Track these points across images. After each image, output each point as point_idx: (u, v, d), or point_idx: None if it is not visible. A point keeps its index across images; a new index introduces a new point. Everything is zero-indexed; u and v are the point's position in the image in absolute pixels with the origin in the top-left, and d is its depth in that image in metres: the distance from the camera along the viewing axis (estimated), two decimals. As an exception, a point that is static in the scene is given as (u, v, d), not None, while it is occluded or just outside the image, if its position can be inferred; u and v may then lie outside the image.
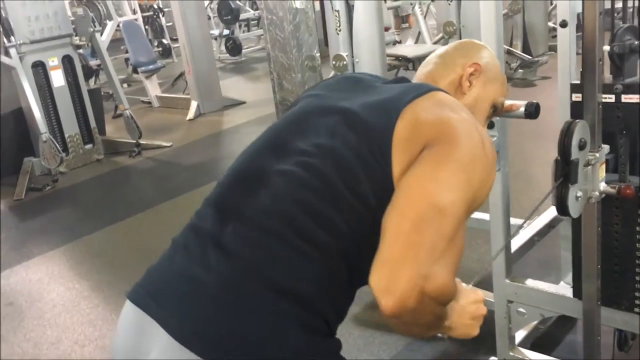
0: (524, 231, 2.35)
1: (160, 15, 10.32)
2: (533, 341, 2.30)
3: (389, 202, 0.99)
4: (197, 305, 0.97)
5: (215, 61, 7.74)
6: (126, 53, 8.41)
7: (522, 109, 1.56)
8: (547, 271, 2.74)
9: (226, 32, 10.13)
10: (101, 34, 5.83)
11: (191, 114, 6.74)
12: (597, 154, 1.44)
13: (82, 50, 5.87)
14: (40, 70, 5.23)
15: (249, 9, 10.85)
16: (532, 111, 1.55)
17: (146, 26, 9.95)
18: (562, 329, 2.39)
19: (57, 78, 5.32)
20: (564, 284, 2.35)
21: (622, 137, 1.67)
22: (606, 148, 1.50)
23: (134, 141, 5.67)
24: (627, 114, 1.67)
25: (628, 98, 1.66)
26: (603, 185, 1.48)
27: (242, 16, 10.21)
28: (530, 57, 6.17)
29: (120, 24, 7.37)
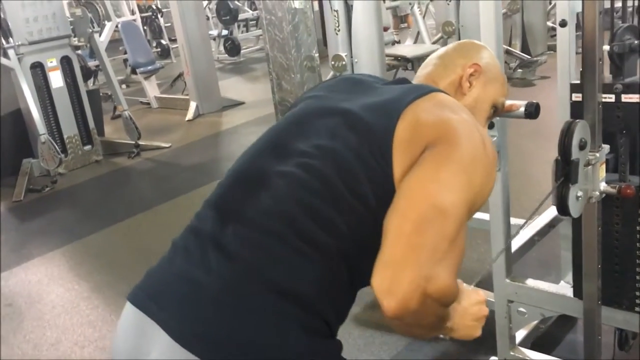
0: (524, 231, 2.35)
1: (158, 16, 10.31)
2: (533, 341, 2.30)
3: (389, 204, 0.98)
4: (197, 306, 0.97)
5: (214, 62, 7.74)
6: (125, 54, 8.40)
7: (522, 109, 1.56)
8: (547, 270, 2.74)
9: (225, 32, 10.14)
10: (100, 35, 5.83)
11: (190, 114, 6.74)
12: (598, 154, 1.44)
13: (80, 51, 5.87)
14: (38, 71, 5.22)
15: (247, 9, 10.86)
16: (532, 111, 1.55)
17: (145, 27, 9.94)
18: (563, 328, 2.39)
19: (56, 79, 5.32)
20: (564, 283, 2.35)
21: (622, 136, 1.67)
22: (606, 148, 1.50)
23: (133, 142, 5.68)
24: (627, 114, 1.66)
25: (628, 98, 1.66)
26: (603, 185, 1.48)
27: (240, 16, 10.22)
28: (529, 57, 6.17)
29: (119, 25, 7.37)
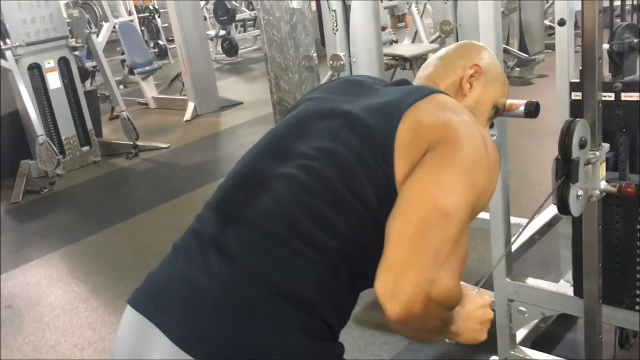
0: (522, 228, 2.34)
1: (156, 16, 10.30)
2: (534, 340, 2.30)
3: (390, 206, 0.98)
4: (198, 309, 0.97)
5: (211, 62, 7.73)
6: (122, 54, 8.38)
7: (522, 108, 1.56)
8: (546, 269, 2.74)
9: (222, 32, 10.13)
10: (97, 36, 5.82)
11: (188, 115, 6.73)
12: (598, 153, 1.44)
13: (77, 52, 5.86)
14: (36, 72, 5.21)
15: (244, 9, 10.84)
16: (532, 110, 1.55)
17: (142, 27, 9.92)
18: (563, 327, 2.39)
19: (54, 80, 5.31)
20: (564, 282, 2.35)
21: (622, 135, 1.67)
22: (606, 147, 1.50)
23: (131, 143, 5.67)
24: (626, 112, 1.66)
25: (628, 96, 1.65)
26: (604, 183, 1.48)
27: (238, 16, 10.21)
28: (527, 56, 6.17)
29: (116, 26, 7.36)
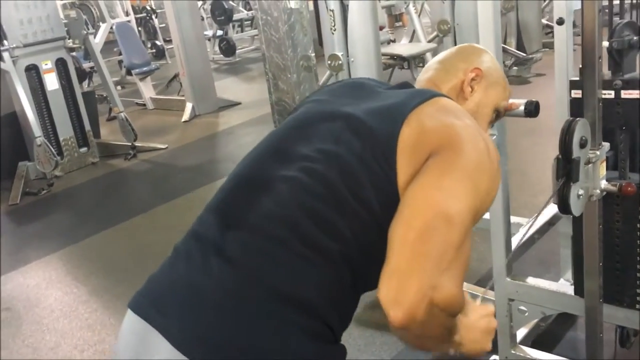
0: (524, 229, 2.35)
1: (153, 17, 10.30)
2: (534, 339, 2.30)
3: (393, 210, 0.97)
4: (198, 312, 0.96)
5: (209, 62, 7.72)
6: (119, 55, 8.37)
7: (522, 107, 1.56)
8: (546, 268, 2.74)
9: (220, 32, 10.13)
10: (94, 37, 5.81)
11: (186, 115, 6.73)
12: (598, 152, 1.44)
13: (75, 53, 5.85)
14: (33, 73, 5.20)
15: (242, 9, 10.84)
16: (532, 109, 1.55)
17: (139, 28, 9.91)
18: (563, 326, 2.39)
19: (51, 81, 5.30)
20: (564, 281, 2.35)
21: (622, 132, 1.66)
22: (606, 146, 1.50)
23: (129, 144, 5.66)
24: (626, 110, 1.66)
25: (628, 94, 1.65)
26: (604, 183, 1.47)
27: (235, 16, 10.21)
28: (524, 55, 6.17)
29: (114, 26, 7.35)
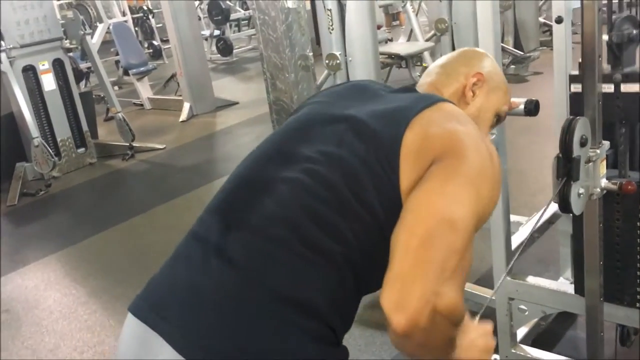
0: (524, 228, 2.35)
1: (150, 17, 10.27)
2: (534, 338, 2.30)
3: (395, 214, 0.97)
4: (198, 314, 0.96)
5: (207, 62, 7.71)
6: (116, 55, 8.35)
7: (522, 106, 1.56)
8: (545, 267, 2.74)
9: (217, 32, 10.11)
10: (91, 37, 5.79)
11: (184, 115, 6.71)
12: (598, 151, 1.44)
13: (72, 54, 5.83)
14: (30, 74, 5.19)
15: (239, 9, 10.84)
16: (532, 108, 1.55)
17: (136, 28, 9.90)
18: (563, 324, 2.39)
19: (48, 82, 5.29)
20: (563, 279, 2.35)
21: (622, 127, 1.66)
22: (607, 144, 1.50)
23: (127, 144, 5.65)
24: (626, 104, 1.65)
25: (627, 88, 1.64)
26: (604, 181, 1.47)
27: (232, 16, 10.19)
28: (522, 53, 6.18)
29: (110, 26, 7.33)
